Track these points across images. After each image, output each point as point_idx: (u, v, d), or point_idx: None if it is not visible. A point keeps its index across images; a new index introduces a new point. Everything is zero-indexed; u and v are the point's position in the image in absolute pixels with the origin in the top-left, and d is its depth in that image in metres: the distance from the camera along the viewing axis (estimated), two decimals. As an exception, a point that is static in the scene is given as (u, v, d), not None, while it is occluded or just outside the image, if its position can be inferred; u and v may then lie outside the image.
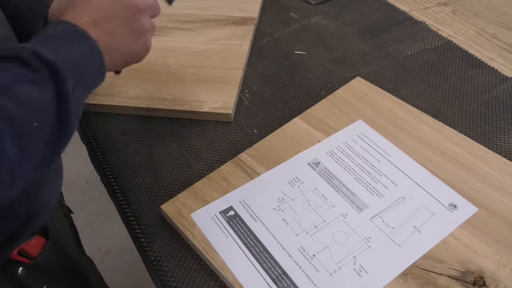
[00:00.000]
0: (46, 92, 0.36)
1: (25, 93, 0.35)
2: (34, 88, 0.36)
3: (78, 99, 0.40)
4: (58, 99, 0.37)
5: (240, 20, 0.89)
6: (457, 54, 0.83)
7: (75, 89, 0.39)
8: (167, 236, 0.57)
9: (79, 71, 0.40)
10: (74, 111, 0.39)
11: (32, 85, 0.36)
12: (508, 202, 0.56)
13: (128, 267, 1.46)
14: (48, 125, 0.36)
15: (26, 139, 0.35)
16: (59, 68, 0.37)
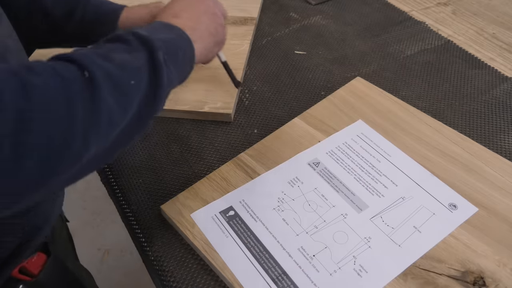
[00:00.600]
0: (140, 58, 0.40)
1: (121, 58, 0.39)
2: (129, 54, 0.40)
3: (170, 70, 0.43)
4: (151, 65, 0.41)
5: (240, 20, 0.89)
6: (457, 54, 0.83)
7: (167, 61, 0.42)
8: (167, 236, 0.57)
9: (171, 49, 0.44)
10: (166, 78, 0.42)
11: (127, 52, 0.40)
12: (508, 202, 0.56)
13: (128, 267, 1.46)
14: (143, 86, 0.40)
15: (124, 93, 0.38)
16: (152, 40, 0.41)
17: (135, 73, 0.39)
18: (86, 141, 0.35)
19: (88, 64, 0.36)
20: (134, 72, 0.39)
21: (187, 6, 0.53)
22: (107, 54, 0.39)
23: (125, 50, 0.40)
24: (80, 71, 0.35)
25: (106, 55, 0.39)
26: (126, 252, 1.50)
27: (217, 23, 0.55)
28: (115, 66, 0.38)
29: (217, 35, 0.55)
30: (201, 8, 0.54)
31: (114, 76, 0.37)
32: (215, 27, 0.55)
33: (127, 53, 0.40)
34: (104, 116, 0.36)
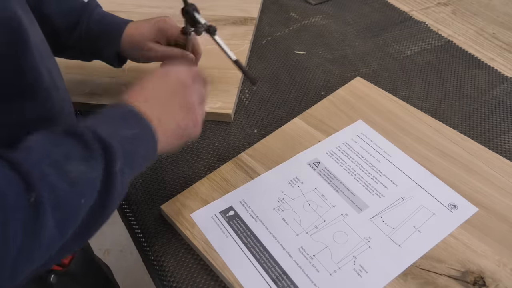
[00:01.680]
0: (96, 168, 0.37)
1: (76, 170, 0.36)
2: (85, 164, 0.37)
3: (124, 180, 0.40)
4: (105, 176, 0.38)
5: (240, 20, 0.89)
6: (457, 54, 0.83)
7: (124, 169, 0.40)
8: (167, 236, 0.57)
9: (132, 151, 0.41)
10: (117, 193, 0.39)
11: (83, 161, 0.37)
12: (508, 202, 0.56)
13: (128, 267, 1.46)
14: (92, 201, 0.37)
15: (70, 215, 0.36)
16: (113, 147, 0.39)
17: (87, 190, 0.37)
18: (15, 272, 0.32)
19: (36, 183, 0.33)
20: (85, 188, 0.37)
21: (163, 94, 0.48)
22: (61, 164, 0.36)
23: (82, 158, 0.37)
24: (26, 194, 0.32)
25: (60, 166, 0.35)
26: (126, 252, 1.50)
27: (189, 120, 0.49)
28: (67, 183, 0.35)
29: (184, 133, 0.49)
30: (177, 100, 0.48)
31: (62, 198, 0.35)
32: (186, 124, 0.49)
33: (84, 162, 0.37)
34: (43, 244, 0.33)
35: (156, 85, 0.48)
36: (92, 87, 0.75)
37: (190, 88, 0.50)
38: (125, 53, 0.66)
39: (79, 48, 0.65)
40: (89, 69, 0.78)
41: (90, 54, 0.67)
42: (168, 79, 0.49)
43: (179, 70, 0.51)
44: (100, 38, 0.64)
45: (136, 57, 0.67)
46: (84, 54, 0.67)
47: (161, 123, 0.45)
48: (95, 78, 0.77)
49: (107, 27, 0.64)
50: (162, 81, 0.49)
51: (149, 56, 0.65)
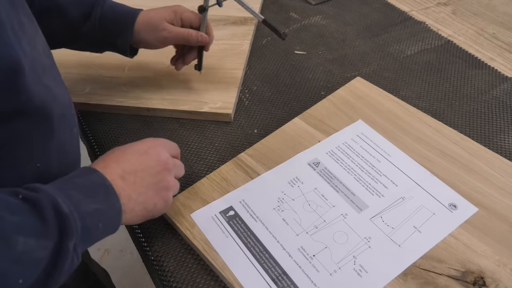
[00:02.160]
0: (46, 246, 0.37)
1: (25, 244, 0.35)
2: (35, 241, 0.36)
3: (75, 257, 0.40)
4: (55, 254, 0.37)
5: (240, 20, 0.89)
6: (457, 54, 0.83)
7: (77, 246, 0.39)
8: (167, 236, 0.57)
9: (92, 226, 0.41)
10: (66, 270, 0.39)
11: (35, 237, 0.36)
12: (508, 202, 0.56)
13: (128, 267, 1.46)
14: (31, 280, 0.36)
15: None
16: (71, 225, 0.38)
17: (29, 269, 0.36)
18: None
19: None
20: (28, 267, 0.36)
21: (139, 170, 0.47)
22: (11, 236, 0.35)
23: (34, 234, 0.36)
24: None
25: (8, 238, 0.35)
26: (126, 252, 1.50)
27: (161, 199, 0.49)
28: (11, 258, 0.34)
29: (151, 213, 0.49)
30: (153, 180, 0.48)
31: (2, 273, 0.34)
32: (155, 202, 0.49)
33: (35, 238, 0.36)
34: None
35: (135, 161, 0.48)
36: (92, 87, 0.75)
37: (169, 169, 0.50)
38: (140, 36, 0.65)
39: (93, 37, 0.65)
40: (89, 69, 0.79)
41: (103, 43, 0.67)
42: (149, 157, 0.49)
43: (161, 150, 0.50)
44: (114, 24, 0.64)
45: (151, 39, 0.66)
46: (98, 44, 0.67)
47: (130, 201, 0.46)
48: (95, 78, 0.77)
49: (121, 13, 0.65)
50: (142, 158, 0.48)
51: (165, 36, 0.66)
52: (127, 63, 0.79)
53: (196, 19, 0.68)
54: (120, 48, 0.67)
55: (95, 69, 0.79)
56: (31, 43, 0.43)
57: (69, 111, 0.51)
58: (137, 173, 0.47)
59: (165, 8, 0.67)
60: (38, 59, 0.44)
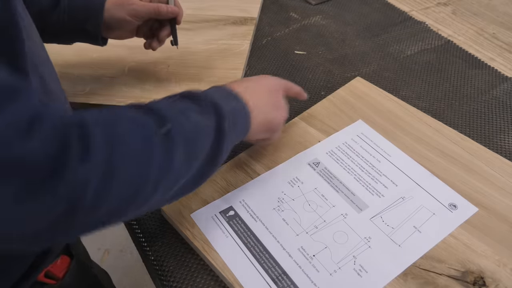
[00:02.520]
0: (210, 121, 0.44)
1: (195, 118, 0.43)
2: (201, 116, 0.43)
3: (230, 139, 0.47)
4: (217, 131, 0.44)
5: (240, 20, 0.89)
6: (457, 54, 0.83)
7: (230, 130, 0.46)
8: (167, 236, 0.57)
9: (233, 118, 0.47)
10: (226, 146, 0.46)
11: (200, 114, 0.44)
12: (508, 202, 0.56)
13: (128, 267, 1.46)
14: (208, 148, 0.44)
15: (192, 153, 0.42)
16: (222, 107, 0.45)
17: (204, 136, 0.43)
18: (154, 190, 0.38)
19: (168, 118, 0.39)
20: (203, 134, 0.43)
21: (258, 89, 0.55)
22: (184, 111, 0.43)
23: (198, 112, 0.44)
24: (161, 124, 0.39)
25: (183, 112, 0.42)
26: (126, 252, 1.50)
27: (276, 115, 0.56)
28: (190, 125, 0.42)
29: (270, 127, 0.56)
30: (269, 97, 0.56)
31: (188, 135, 0.41)
32: (274, 117, 0.56)
33: (200, 115, 0.43)
34: (174, 170, 0.39)
35: (252, 83, 0.55)
36: (92, 87, 0.75)
37: (280, 93, 0.58)
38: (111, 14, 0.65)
39: (62, 25, 0.64)
40: (89, 69, 0.79)
41: (73, 31, 0.66)
42: (263, 81, 0.57)
43: (273, 79, 0.59)
44: (83, 8, 0.64)
45: (122, 15, 0.66)
46: (67, 32, 0.66)
47: (255, 108, 0.51)
48: (95, 78, 0.77)
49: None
50: (258, 81, 0.57)
51: (135, 9, 0.66)
52: (127, 63, 0.79)
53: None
54: (91, 33, 0.66)
55: (95, 69, 0.79)
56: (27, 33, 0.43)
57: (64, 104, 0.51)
58: (256, 91, 0.54)
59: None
60: (34, 49, 0.45)
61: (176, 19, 0.70)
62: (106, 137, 0.34)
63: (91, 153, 0.32)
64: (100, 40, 0.68)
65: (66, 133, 0.31)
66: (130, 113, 0.39)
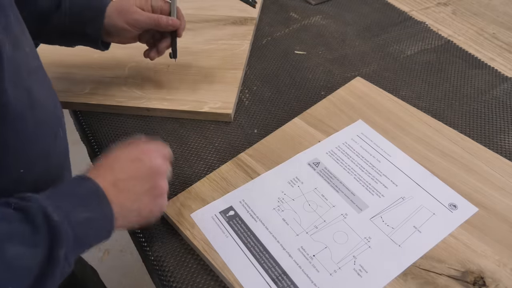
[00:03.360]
0: (36, 254, 0.37)
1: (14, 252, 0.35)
2: (25, 249, 0.36)
3: (66, 265, 0.40)
4: (45, 263, 0.37)
5: (240, 20, 0.89)
6: (457, 54, 0.83)
7: (69, 254, 0.39)
8: (167, 236, 0.57)
9: (83, 235, 0.41)
10: (57, 278, 0.39)
11: (25, 245, 0.36)
12: (508, 202, 0.56)
13: (128, 267, 1.46)
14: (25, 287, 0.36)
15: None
16: (60, 232, 0.38)
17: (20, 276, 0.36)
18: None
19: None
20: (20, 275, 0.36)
21: (133, 177, 0.47)
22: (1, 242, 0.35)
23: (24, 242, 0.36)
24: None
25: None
26: (126, 252, 1.50)
27: (156, 205, 0.49)
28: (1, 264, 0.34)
29: (145, 219, 0.49)
30: (147, 186, 0.47)
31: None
32: (150, 210, 0.49)
33: (25, 246, 0.36)
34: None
35: (127, 169, 0.47)
36: (92, 87, 0.75)
37: (162, 174, 0.49)
38: (111, 21, 0.65)
39: (63, 27, 0.64)
40: (89, 69, 0.79)
41: (74, 34, 0.66)
42: (142, 164, 0.48)
43: (154, 155, 0.49)
44: (84, 11, 0.64)
45: (121, 23, 0.65)
46: (68, 35, 0.66)
47: (123, 209, 0.45)
48: (95, 78, 0.77)
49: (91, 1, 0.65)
50: (135, 165, 0.48)
51: (135, 18, 0.65)
52: (127, 63, 0.79)
53: (166, 7, 0.68)
54: (92, 37, 0.66)
55: (96, 69, 0.79)
56: (15, 43, 0.42)
57: (53, 114, 0.50)
58: (130, 181, 0.46)
59: None
60: (23, 60, 0.44)
61: (177, 31, 0.69)
62: None
63: None
64: (101, 44, 0.68)
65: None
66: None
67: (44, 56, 0.81)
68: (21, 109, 0.43)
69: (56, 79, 0.76)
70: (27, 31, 0.47)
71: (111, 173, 0.46)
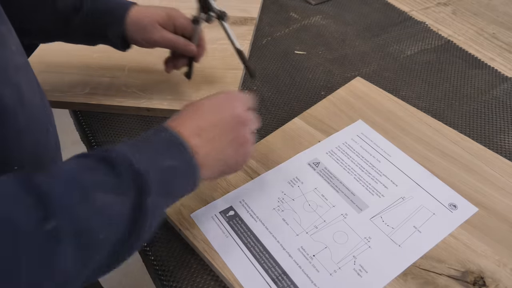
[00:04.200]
0: (124, 202, 0.36)
1: (103, 200, 0.35)
2: (113, 197, 0.35)
3: (156, 212, 0.39)
4: (134, 211, 0.36)
5: (240, 20, 0.89)
6: (457, 54, 0.83)
7: (157, 204, 0.38)
8: (167, 236, 0.57)
9: (169, 182, 0.40)
10: (148, 227, 0.38)
11: (113, 193, 0.35)
12: (508, 202, 0.56)
13: (128, 267, 1.46)
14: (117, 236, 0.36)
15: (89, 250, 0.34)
16: (146, 180, 0.37)
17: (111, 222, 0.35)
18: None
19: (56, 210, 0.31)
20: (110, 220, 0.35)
21: (215, 126, 0.46)
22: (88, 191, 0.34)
23: (111, 189, 0.36)
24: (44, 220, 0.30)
25: (86, 193, 0.34)
26: (126, 252, 1.50)
27: (239, 156, 0.48)
28: (90, 212, 0.34)
29: (231, 169, 0.49)
30: (231, 133, 0.47)
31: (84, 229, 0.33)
32: (236, 159, 0.48)
33: (113, 194, 0.35)
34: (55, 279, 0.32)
35: (209, 117, 0.46)
36: (92, 87, 0.75)
37: (245, 123, 0.48)
38: (130, 33, 0.65)
39: (84, 29, 0.64)
40: (89, 69, 0.79)
41: (95, 35, 0.66)
42: (223, 112, 0.47)
43: (235, 104, 0.49)
44: (104, 17, 0.63)
45: (139, 39, 0.65)
46: (89, 35, 0.66)
47: (208, 158, 0.44)
48: (95, 78, 0.77)
49: (112, 6, 0.64)
50: (217, 114, 0.47)
51: (154, 39, 0.64)
52: (127, 63, 0.79)
53: (189, 27, 0.66)
54: (112, 41, 0.66)
55: (95, 69, 0.79)
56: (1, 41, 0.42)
57: (43, 111, 0.50)
58: (213, 130, 0.45)
59: (160, 9, 0.65)
60: (9, 57, 0.44)
61: (195, 57, 0.69)
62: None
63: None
64: (121, 47, 0.67)
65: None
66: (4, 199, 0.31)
67: (44, 56, 0.81)
68: (13, 105, 0.43)
69: (56, 79, 0.76)
70: (13, 30, 0.47)
71: (193, 122, 0.45)
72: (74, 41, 0.68)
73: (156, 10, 0.65)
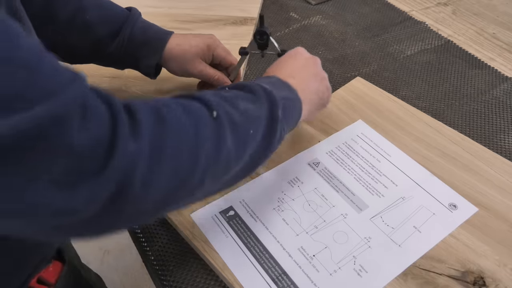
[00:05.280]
0: (261, 109, 0.44)
1: (245, 105, 0.43)
2: (252, 104, 0.43)
3: (283, 127, 0.46)
4: (270, 118, 0.44)
5: (240, 20, 0.89)
6: (457, 54, 0.83)
7: (283, 118, 0.46)
8: (167, 236, 0.57)
9: (286, 109, 0.47)
10: (279, 134, 0.45)
11: (251, 103, 0.44)
12: (508, 202, 0.56)
13: (128, 267, 1.46)
14: (259, 137, 0.43)
15: (242, 141, 0.41)
16: (275, 96, 0.45)
17: (255, 123, 0.43)
18: (202, 179, 0.37)
19: (215, 106, 0.39)
20: (254, 121, 0.43)
21: (300, 68, 0.55)
22: (232, 99, 0.42)
23: (249, 99, 0.44)
24: (209, 111, 0.39)
25: (232, 101, 0.42)
26: (126, 252, 1.50)
27: (324, 87, 0.57)
28: (238, 112, 0.41)
29: (321, 102, 0.57)
30: (312, 71, 0.56)
31: (236, 122, 0.40)
32: (323, 90, 0.57)
33: (251, 103, 0.43)
34: (223, 158, 0.39)
35: (291, 63, 0.56)
36: (92, 87, 0.75)
37: (317, 63, 0.58)
38: (166, 64, 0.65)
39: (118, 56, 0.63)
40: (89, 69, 0.78)
41: (128, 63, 0.65)
42: (299, 56, 0.57)
43: (305, 52, 0.58)
44: (142, 47, 0.63)
45: (177, 70, 0.66)
46: (122, 62, 0.66)
47: (304, 92, 0.52)
48: (95, 78, 0.77)
49: (151, 36, 0.63)
50: (295, 59, 0.56)
51: (193, 73, 0.65)
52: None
53: (226, 58, 0.66)
54: (144, 70, 0.66)
55: (95, 69, 0.78)
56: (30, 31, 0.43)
57: None
58: (302, 71, 0.55)
59: (199, 40, 0.64)
60: None
61: None
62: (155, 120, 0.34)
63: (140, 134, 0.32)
64: (153, 76, 0.67)
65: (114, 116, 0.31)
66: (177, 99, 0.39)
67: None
68: None
69: (56, 79, 0.76)
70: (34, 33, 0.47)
71: (283, 70, 0.54)
72: (104, 65, 0.67)
73: (196, 41, 0.64)
